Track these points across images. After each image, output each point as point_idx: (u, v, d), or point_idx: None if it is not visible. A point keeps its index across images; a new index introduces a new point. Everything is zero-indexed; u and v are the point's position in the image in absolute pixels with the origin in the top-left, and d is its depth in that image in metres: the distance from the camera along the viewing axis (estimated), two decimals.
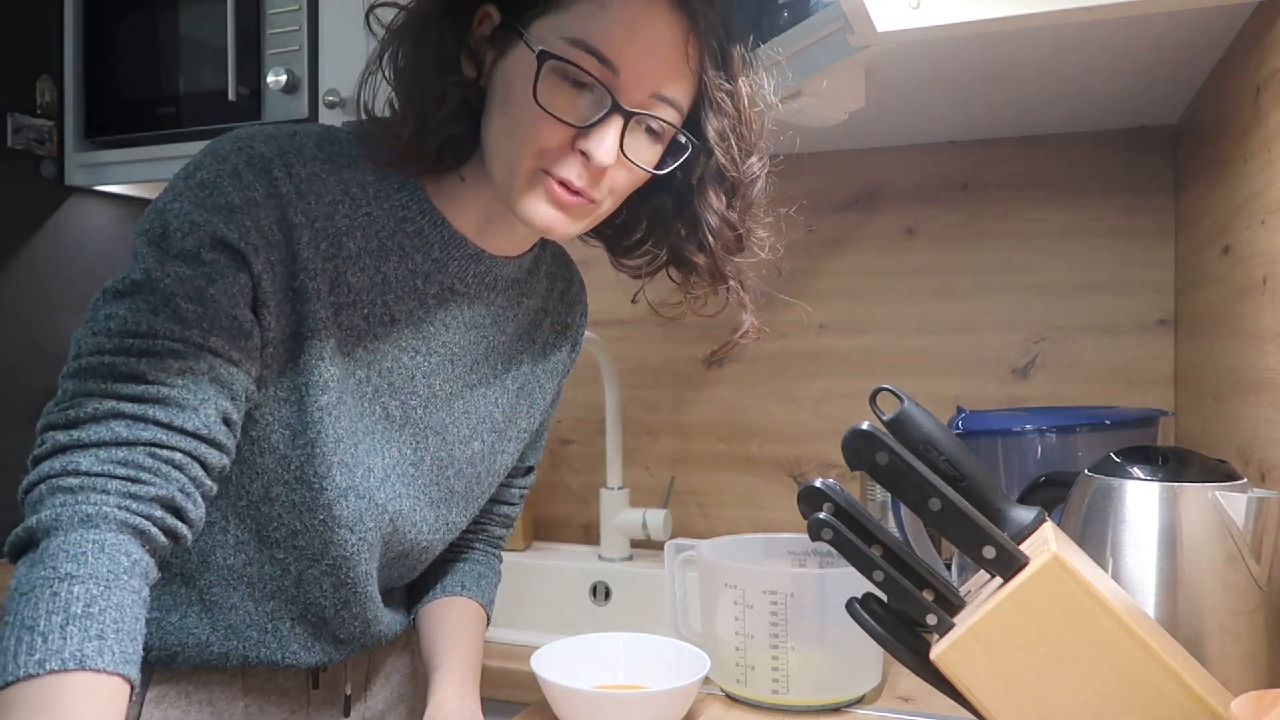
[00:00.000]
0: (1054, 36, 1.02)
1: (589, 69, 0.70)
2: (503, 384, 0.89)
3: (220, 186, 0.70)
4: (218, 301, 0.68)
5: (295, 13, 1.50)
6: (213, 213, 0.69)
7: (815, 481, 0.67)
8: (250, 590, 0.80)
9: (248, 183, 0.70)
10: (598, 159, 0.71)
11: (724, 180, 0.79)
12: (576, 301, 0.99)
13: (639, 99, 0.72)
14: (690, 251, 0.82)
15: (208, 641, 0.80)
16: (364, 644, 0.89)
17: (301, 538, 0.79)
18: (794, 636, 0.88)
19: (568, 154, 0.72)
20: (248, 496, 0.77)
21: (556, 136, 0.71)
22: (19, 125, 1.63)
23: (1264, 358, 0.89)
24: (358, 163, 0.77)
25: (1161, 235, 1.42)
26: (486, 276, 0.83)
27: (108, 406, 0.64)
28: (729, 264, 0.83)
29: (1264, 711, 0.56)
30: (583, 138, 0.71)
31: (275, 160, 0.72)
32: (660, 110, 0.73)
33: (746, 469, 1.65)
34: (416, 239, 0.79)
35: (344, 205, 0.75)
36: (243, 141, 0.73)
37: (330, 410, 0.75)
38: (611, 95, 0.71)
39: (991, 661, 0.61)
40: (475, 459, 0.88)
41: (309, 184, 0.73)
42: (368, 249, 0.77)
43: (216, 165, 0.71)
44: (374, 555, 0.83)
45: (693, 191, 0.80)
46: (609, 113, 0.71)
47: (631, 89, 0.71)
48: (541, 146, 0.72)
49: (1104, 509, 0.79)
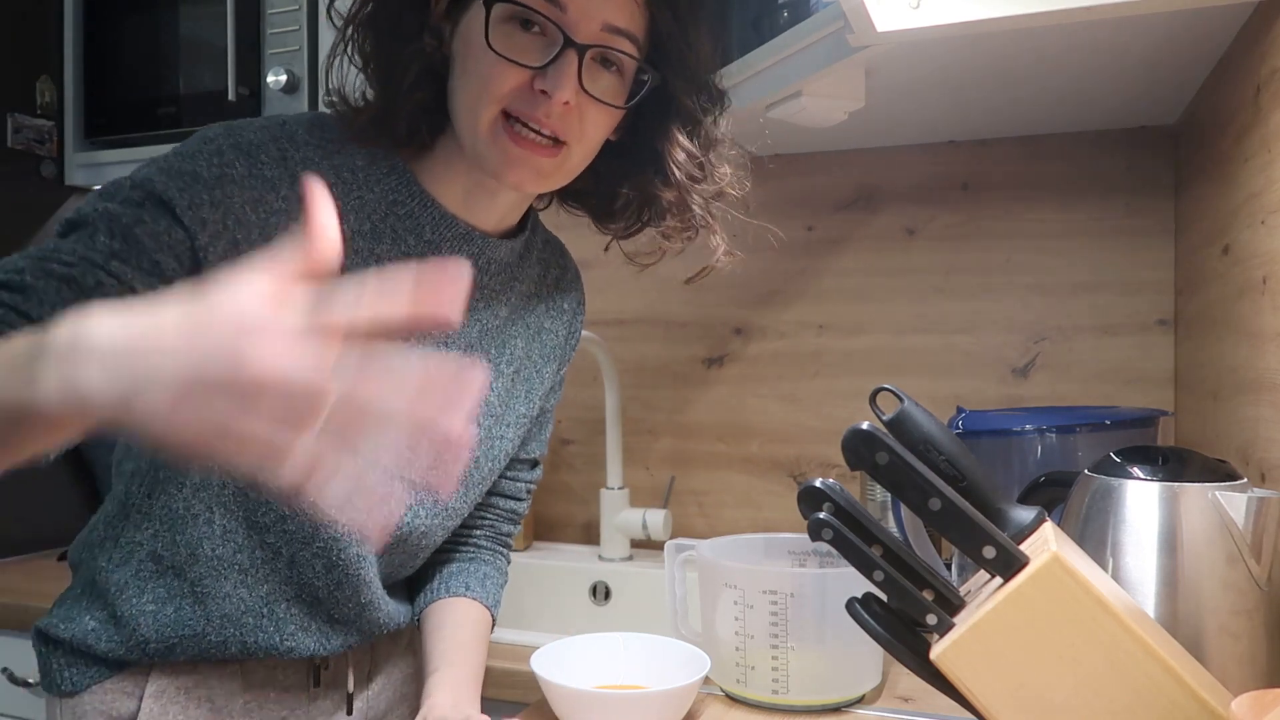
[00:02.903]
0: (1054, 36, 1.01)
1: (536, 7, 0.72)
2: (497, 367, 0.90)
3: (194, 159, 0.71)
4: (140, 241, 0.68)
5: (295, 13, 1.50)
6: (172, 177, 0.70)
7: (815, 481, 0.67)
8: (243, 577, 0.80)
9: (227, 160, 0.72)
10: (558, 95, 0.72)
11: (684, 113, 0.82)
12: (571, 288, 1.00)
13: (590, 32, 0.74)
14: (657, 188, 0.84)
15: (204, 632, 0.80)
16: (361, 629, 0.89)
17: (291, 521, 0.79)
18: (794, 636, 0.88)
19: (529, 94, 0.74)
20: (232, 485, 0.78)
21: (515, 79, 0.73)
22: (19, 125, 1.63)
23: (1264, 358, 0.89)
24: (347, 147, 0.78)
25: (1161, 235, 1.42)
26: (479, 258, 0.84)
27: None
28: (695, 195, 0.84)
29: (1264, 711, 0.56)
30: (540, 77, 0.73)
31: (266, 145, 0.74)
32: (614, 41, 0.75)
33: (746, 469, 1.65)
34: (408, 221, 0.80)
35: (336, 189, 0.77)
36: (234, 127, 0.74)
37: None
38: (563, 31, 0.73)
39: (991, 661, 0.61)
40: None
41: (302, 168, 0.74)
42: (360, 231, 0.78)
43: (200, 144, 0.73)
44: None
45: (654, 129, 0.82)
46: (562, 49, 0.73)
47: (582, 23, 0.73)
48: (501, 91, 0.73)
49: (1104, 509, 0.79)
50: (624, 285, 1.67)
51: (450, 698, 0.84)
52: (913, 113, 1.37)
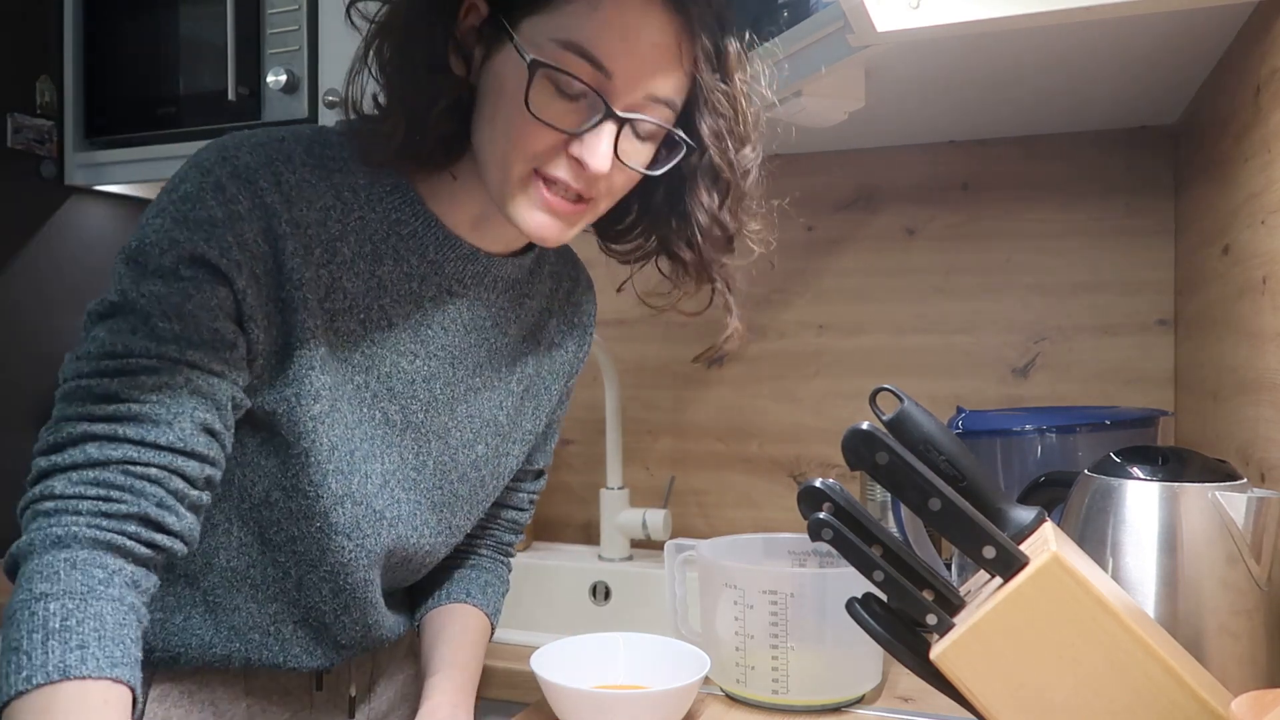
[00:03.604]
0: (1054, 36, 1.01)
1: (581, 75, 0.69)
2: (506, 386, 0.89)
3: (203, 200, 0.69)
4: (196, 316, 0.68)
5: (295, 13, 1.50)
6: (193, 229, 0.68)
7: (815, 481, 0.67)
8: (253, 592, 0.80)
9: (231, 195, 0.69)
10: (593, 166, 0.70)
11: (717, 179, 0.78)
12: (584, 301, 0.98)
13: (632, 101, 0.71)
14: (679, 247, 0.82)
15: (211, 643, 0.80)
16: (365, 647, 0.89)
17: (300, 543, 0.79)
18: (794, 636, 0.88)
19: (561, 157, 0.71)
20: (250, 500, 0.77)
21: (549, 141, 0.71)
22: (19, 125, 1.63)
23: (1264, 358, 0.89)
24: (349, 165, 0.76)
25: (1161, 235, 1.42)
26: (485, 277, 0.83)
27: (81, 429, 0.65)
28: (716, 264, 0.82)
29: (1264, 711, 0.56)
30: (576, 143, 0.70)
31: (261, 170, 0.71)
32: (654, 111, 0.72)
33: (746, 469, 1.65)
34: (410, 241, 0.78)
35: (336, 210, 0.74)
36: (228, 151, 0.71)
37: (323, 419, 0.75)
38: (605, 101, 0.69)
39: (991, 661, 0.61)
40: (479, 462, 0.88)
41: (298, 190, 0.72)
42: (362, 253, 0.76)
43: (200, 178, 0.70)
44: (374, 561, 0.82)
45: (685, 187, 0.79)
46: (602, 119, 0.70)
47: (624, 92, 0.70)
48: (535, 151, 0.71)
49: (1104, 509, 0.79)
50: (616, 280, 1.66)
51: (450, 699, 0.84)
52: (913, 113, 1.37)
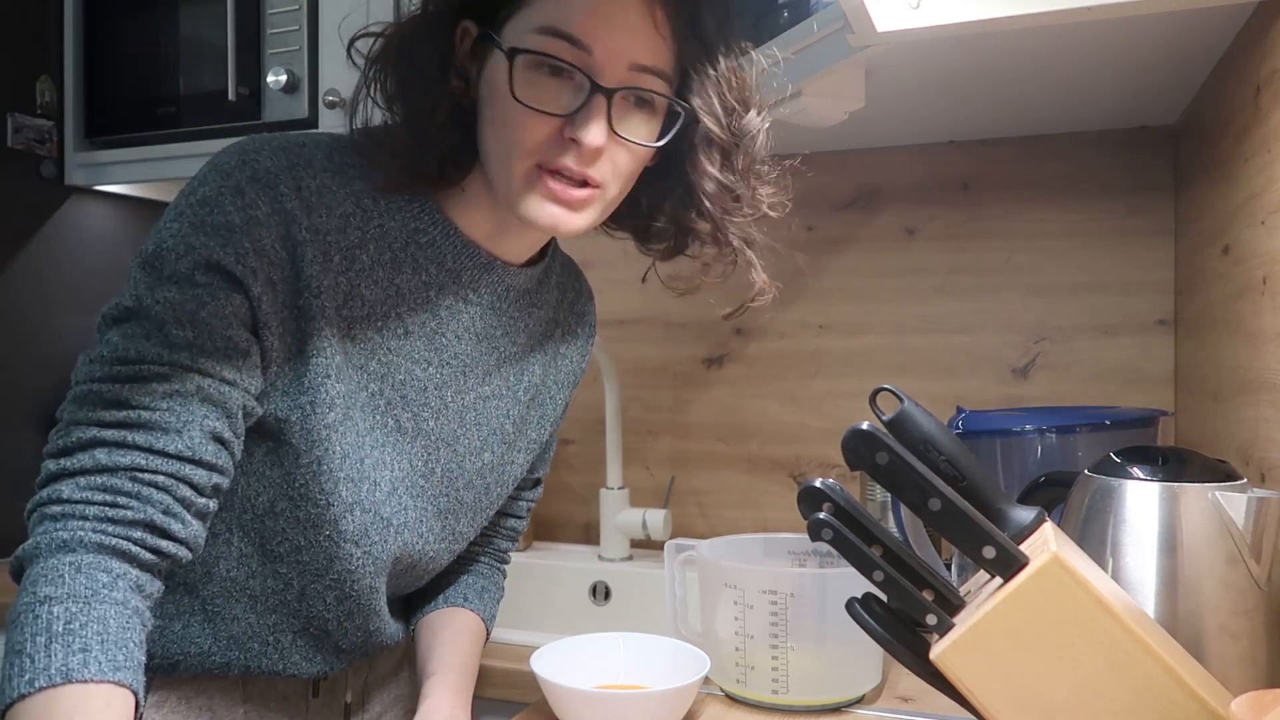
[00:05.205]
0: (1054, 36, 1.01)
1: (561, 54, 0.70)
2: (514, 395, 0.89)
3: (221, 205, 0.69)
4: (210, 324, 0.68)
5: (295, 13, 1.50)
6: (210, 234, 0.68)
7: (815, 481, 0.67)
8: (252, 603, 0.80)
9: (250, 200, 0.69)
10: (589, 142, 0.70)
11: (713, 143, 0.78)
12: (585, 312, 0.99)
13: (618, 74, 0.71)
14: (691, 220, 0.82)
15: (209, 651, 0.80)
16: (365, 653, 0.89)
17: (305, 553, 0.78)
18: (794, 636, 0.88)
19: (560, 143, 0.72)
20: (252, 510, 0.77)
21: (545, 129, 0.71)
22: (19, 125, 1.63)
23: (1264, 358, 0.89)
24: (369, 173, 0.76)
25: (1161, 235, 1.42)
26: (499, 286, 0.83)
27: (91, 434, 0.65)
28: (731, 227, 0.81)
29: (1264, 711, 0.56)
30: (570, 125, 0.71)
31: (282, 174, 0.71)
32: (642, 80, 0.73)
33: (746, 469, 1.65)
34: (429, 250, 0.78)
35: (356, 218, 0.75)
36: (249, 155, 0.71)
37: (336, 427, 0.75)
38: (589, 77, 0.70)
39: (991, 661, 0.61)
40: (485, 470, 0.88)
41: (319, 197, 0.72)
42: (380, 261, 0.76)
43: (219, 181, 0.70)
44: (380, 569, 0.82)
45: (687, 161, 0.79)
46: (590, 94, 0.70)
47: (608, 66, 0.71)
48: (532, 142, 0.71)
49: (1104, 509, 0.79)
50: (624, 285, 1.66)
51: (449, 699, 0.84)
52: (913, 113, 1.36)
